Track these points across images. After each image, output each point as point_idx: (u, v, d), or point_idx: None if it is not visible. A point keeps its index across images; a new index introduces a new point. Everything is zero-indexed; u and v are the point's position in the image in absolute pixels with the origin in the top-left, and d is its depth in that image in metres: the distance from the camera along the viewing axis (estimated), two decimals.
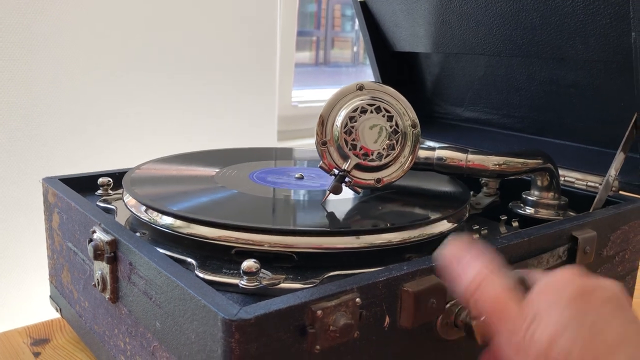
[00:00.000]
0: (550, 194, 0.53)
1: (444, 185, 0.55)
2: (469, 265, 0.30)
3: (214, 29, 1.05)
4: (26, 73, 0.84)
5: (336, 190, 0.47)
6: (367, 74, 1.87)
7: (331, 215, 0.45)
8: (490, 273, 0.29)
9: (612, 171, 0.52)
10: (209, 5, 1.03)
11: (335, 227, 0.42)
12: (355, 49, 1.91)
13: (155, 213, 0.44)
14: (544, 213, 0.53)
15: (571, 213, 0.54)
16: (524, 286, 0.29)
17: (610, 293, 0.26)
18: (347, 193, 0.49)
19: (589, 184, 0.58)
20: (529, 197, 0.54)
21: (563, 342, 0.25)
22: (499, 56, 0.66)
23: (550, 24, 0.57)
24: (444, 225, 0.45)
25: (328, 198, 0.48)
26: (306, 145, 1.31)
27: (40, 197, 0.55)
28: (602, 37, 0.54)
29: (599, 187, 0.53)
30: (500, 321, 0.27)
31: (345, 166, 0.47)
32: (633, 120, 0.53)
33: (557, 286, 0.27)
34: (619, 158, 0.52)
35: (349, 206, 0.48)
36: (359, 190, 0.49)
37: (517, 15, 0.59)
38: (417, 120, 0.49)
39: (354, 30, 1.88)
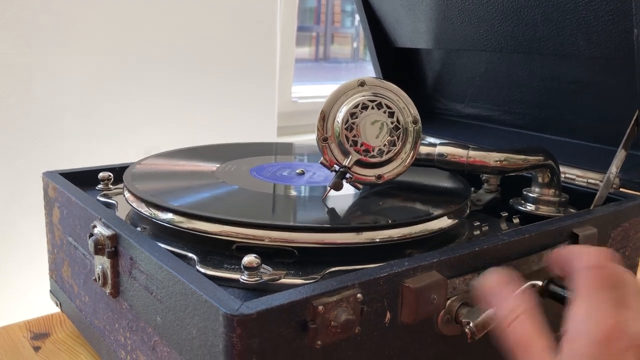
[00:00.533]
0: (551, 191, 0.53)
1: (445, 182, 0.55)
2: (505, 298, 0.30)
3: (214, 24, 1.05)
4: (27, 67, 0.84)
5: (337, 186, 0.47)
6: (367, 70, 1.87)
7: (332, 211, 0.45)
8: (525, 309, 0.29)
9: (613, 168, 0.52)
10: (209, 0, 1.03)
11: (337, 223, 0.42)
12: (355, 44, 1.90)
13: (156, 208, 0.43)
14: (544, 210, 0.53)
15: (572, 210, 0.54)
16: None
17: (636, 340, 0.26)
18: (347, 189, 0.49)
19: (590, 181, 0.58)
20: (530, 194, 0.54)
21: None
22: (501, 52, 0.66)
23: (552, 20, 0.57)
24: (445, 222, 0.45)
25: (329, 194, 0.47)
26: (306, 140, 1.31)
27: (40, 192, 0.55)
28: (604, 34, 0.54)
29: (600, 184, 0.53)
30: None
31: (346, 162, 0.47)
32: (634, 118, 0.53)
33: (582, 330, 0.27)
34: (620, 155, 0.52)
35: (350, 202, 0.48)
36: (360, 186, 0.49)
37: (519, 11, 0.59)
38: (418, 117, 0.49)
39: (353, 26, 1.87)
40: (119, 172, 0.55)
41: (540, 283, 0.37)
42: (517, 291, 0.30)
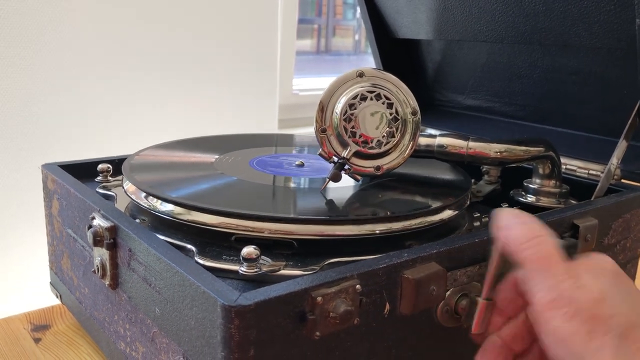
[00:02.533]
0: (552, 182, 0.53)
1: (445, 173, 0.54)
2: (528, 222, 0.32)
3: (215, 16, 1.04)
4: (27, 60, 0.84)
5: (335, 177, 0.47)
6: (369, 62, 1.86)
7: (332, 203, 0.45)
8: (546, 232, 0.31)
9: (614, 159, 0.52)
10: None
11: (336, 214, 0.42)
12: (356, 37, 1.90)
13: (155, 199, 0.43)
14: (545, 201, 0.53)
15: (572, 201, 0.54)
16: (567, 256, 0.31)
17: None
18: (347, 180, 0.49)
19: (591, 172, 0.58)
20: (530, 185, 0.54)
21: (609, 304, 0.28)
22: (501, 43, 0.65)
23: (554, 10, 0.56)
24: (446, 213, 0.45)
25: (328, 185, 0.47)
26: (307, 133, 1.30)
27: (39, 184, 0.55)
28: (606, 24, 0.53)
29: (601, 175, 0.53)
30: (547, 271, 0.29)
31: (344, 154, 0.47)
32: (636, 108, 0.52)
33: (599, 262, 0.31)
34: (621, 146, 0.52)
35: (349, 193, 0.47)
36: (359, 177, 0.49)
37: (520, 2, 0.59)
38: (417, 108, 0.48)
39: (355, 18, 1.87)
40: (117, 164, 0.55)
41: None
42: (533, 220, 0.32)
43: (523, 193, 0.55)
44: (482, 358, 0.34)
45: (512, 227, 0.32)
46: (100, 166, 0.54)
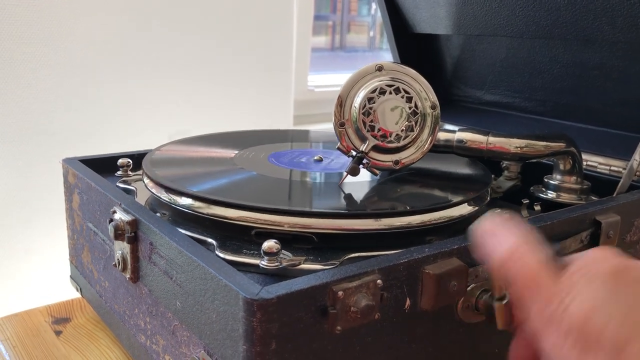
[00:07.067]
0: (573, 178, 0.53)
1: (464, 168, 0.54)
2: (504, 237, 0.29)
3: (232, 13, 1.04)
4: (46, 56, 0.85)
5: (354, 171, 0.46)
6: (384, 59, 1.85)
7: (351, 197, 0.45)
8: (525, 244, 0.28)
9: (637, 156, 0.51)
10: None
11: (356, 209, 0.42)
12: (371, 33, 1.89)
13: (176, 194, 0.44)
14: (566, 197, 0.52)
15: (593, 198, 0.53)
16: (559, 260, 0.28)
17: None
18: (365, 175, 0.48)
19: (612, 168, 0.57)
20: (551, 181, 0.53)
21: (599, 318, 0.25)
22: (522, 38, 0.64)
23: (576, 4, 0.56)
24: (465, 209, 0.44)
25: (346, 180, 0.47)
26: (322, 129, 1.30)
27: (59, 179, 0.56)
28: (630, 18, 0.52)
29: (623, 171, 0.52)
30: (533, 292, 0.27)
31: (363, 148, 0.47)
32: None
33: (593, 263, 0.27)
34: None
35: (368, 188, 0.47)
36: (377, 172, 0.48)
37: None
38: (437, 102, 0.48)
39: (370, 14, 1.86)
40: (137, 159, 0.55)
41: None
42: (515, 229, 0.29)
43: (543, 189, 0.54)
44: (515, 345, 0.33)
45: (490, 243, 0.29)
46: (120, 161, 0.55)
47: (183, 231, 0.40)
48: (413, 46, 0.78)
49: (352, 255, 0.38)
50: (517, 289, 0.28)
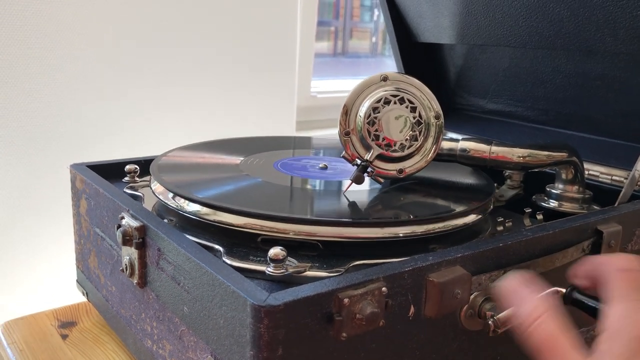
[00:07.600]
0: (575, 188, 0.53)
1: (467, 177, 0.55)
2: (527, 298, 0.30)
3: (234, 18, 1.05)
4: (52, 62, 0.85)
5: (358, 180, 0.47)
6: (386, 65, 1.86)
7: (355, 205, 0.45)
8: (548, 309, 0.29)
9: (639, 165, 0.52)
10: None
11: (362, 217, 0.43)
12: (374, 39, 1.90)
13: (183, 200, 0.44)
14: (568, 206, 0.53)
15: (595, 207, 0.53)
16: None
17: None
18: (369, 183, 0.49)
19: (614, 178, 0.58)
20: (553, 190, 0.54)
21: None
22: (524, 48, 0.65)
23: (578, 15, 0.56)
24: (469, 217, 0.45)
25: (350, 188, 0.48)
26: (325, 135, 1.31)
27: (66, 184, 0.56)
28: (632, 30, 0.53)
29: (625, 181, 0.53)
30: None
31: (367, 156, 0.47)
32: None
33: (620, 332, 0.27)
34: None
35: (372, 196, 0.48)
36: (381, 180, 0.49)
37: (544, 7, 0.59)
38: (440, 112, 0.49)
39: (372, 20, 1.87)
40: (144, 165, 0.56)
41: (563, 290, 0.36)
42: (539, 294, 0.30)
43: (546, 198, 0.55)
44: None
45: (514, 300, 0.30)
46: (127, 167, 0.55)
47: (190, 237, 0.40)
48: (417, 55, 0.78)
49: (357, 262, 0.39)
50: (537, 353, 0.28)
